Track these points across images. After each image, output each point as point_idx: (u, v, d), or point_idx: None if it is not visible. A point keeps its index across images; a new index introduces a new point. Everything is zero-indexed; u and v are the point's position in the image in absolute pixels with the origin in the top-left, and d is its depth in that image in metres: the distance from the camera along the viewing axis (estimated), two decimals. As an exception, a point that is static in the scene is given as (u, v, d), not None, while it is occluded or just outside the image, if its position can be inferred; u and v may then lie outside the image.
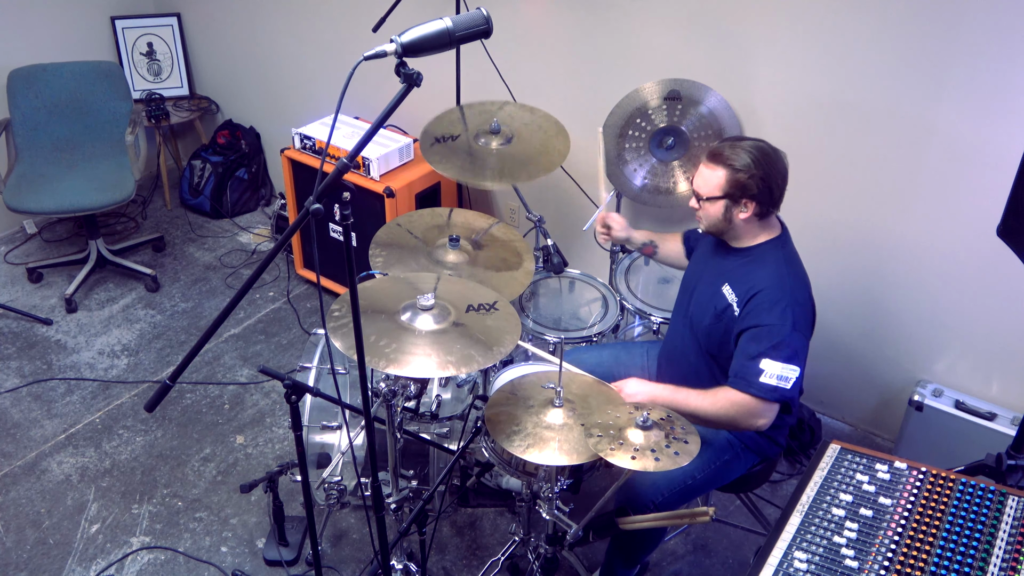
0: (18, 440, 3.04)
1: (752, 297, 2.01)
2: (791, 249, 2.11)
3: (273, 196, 4.53)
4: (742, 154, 1.99)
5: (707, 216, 2.08)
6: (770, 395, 1.95)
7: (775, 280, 2.01)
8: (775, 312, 1.97)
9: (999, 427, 2.63)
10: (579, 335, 2.67)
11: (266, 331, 3.61)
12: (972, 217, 2.53)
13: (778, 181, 2.01)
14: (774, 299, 1.98)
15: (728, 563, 2.63)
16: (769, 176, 1.98)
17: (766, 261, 2.05)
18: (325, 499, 2.35)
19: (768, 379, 1.94)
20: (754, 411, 1.97)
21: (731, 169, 1.99)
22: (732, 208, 2.03)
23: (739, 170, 1.98)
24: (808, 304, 2.05)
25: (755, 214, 2.03)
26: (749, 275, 2.05)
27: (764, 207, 2.02)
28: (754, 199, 2.00)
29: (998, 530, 1.62)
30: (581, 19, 3.06)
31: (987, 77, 2.37)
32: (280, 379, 1.84)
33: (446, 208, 2.95)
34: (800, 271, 2.09)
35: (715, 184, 2.02)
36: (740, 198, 2.00)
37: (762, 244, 2.08)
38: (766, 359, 1.94)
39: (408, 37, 1.50)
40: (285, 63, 4.07)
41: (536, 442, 1.90)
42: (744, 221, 2.04)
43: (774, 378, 1.94)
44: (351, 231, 1.57)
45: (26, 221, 4.23)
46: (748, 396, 1.96)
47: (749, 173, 1.97)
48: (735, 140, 2.04)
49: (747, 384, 1.96)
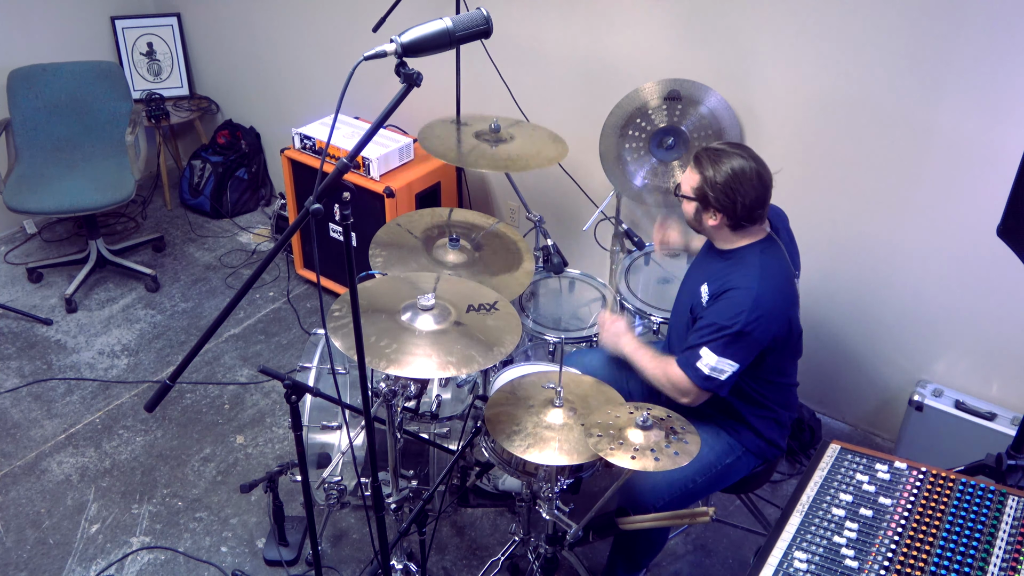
0: (18, 440, 3.04)
1: (720, 295, 2.04)
2: (771, 256, 2.07)
3: (273, 196, 4.53)
4: (715, 167, 2.01)
5: (684, 212, 2.15)
6: (702, 382, 2.02)
7: (746, 283, 2.01)
8: (730, 312, 1.99)
9: (999, 427, 2.63)
10: (579, 335, 2.67)
11: (266, 331, 3.61)
12: (972, 217, 2.53)
13: (745, 201, 1.99)
14: (736, 302, 1.99)
15: (728, 563, 2.63)
16: (734, 194, 1.99)
17: (744, 264, 2.06)
18: (325, 499, 2.35)
19: (703, 367, 2.01)
20: (682, 389, 2.07)
21: (702, 176, 2.04)
22: (701, 212, 2.09)
23: (706, 180, 2.02)
24: (769, 314, 1.99)
25: (724, 224, 2.06)
26: (725, 276, 2.07)
27: (731, 220, 2.05)
28: (719, 211, 2.04)
29: (998, 530, 1.62)
30: (581, 19, 3.07)
31: (987, 77, 2.37)
32: (280, 379, 1.84)
33: (446, 208, 2.95)
34: (777, 281, 2.04)
35: (689, 185, 2.08)
36: (708, 206, 2.05)
37: (742, 248, 2.09)
38: (705, 347, 2.00)
39: (408, 37, 1.50)
40: (285, 63, 4.07)
41: (536, 442, 1.90)
42: (713, 227, 2.09)
43: (708, 368, 2.00)
44: (351, 231, 1.57)
45: (26, 221, 4.23)
46: (683, 375, 2.05)
47: (712, 187, 2.01)
48: (722, 148, 2.04)
49: (686, 365, 2.04)
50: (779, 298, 2.04)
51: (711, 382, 2.01)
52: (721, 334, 1.98)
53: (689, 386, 2.04)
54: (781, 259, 2.09)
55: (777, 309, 2.03)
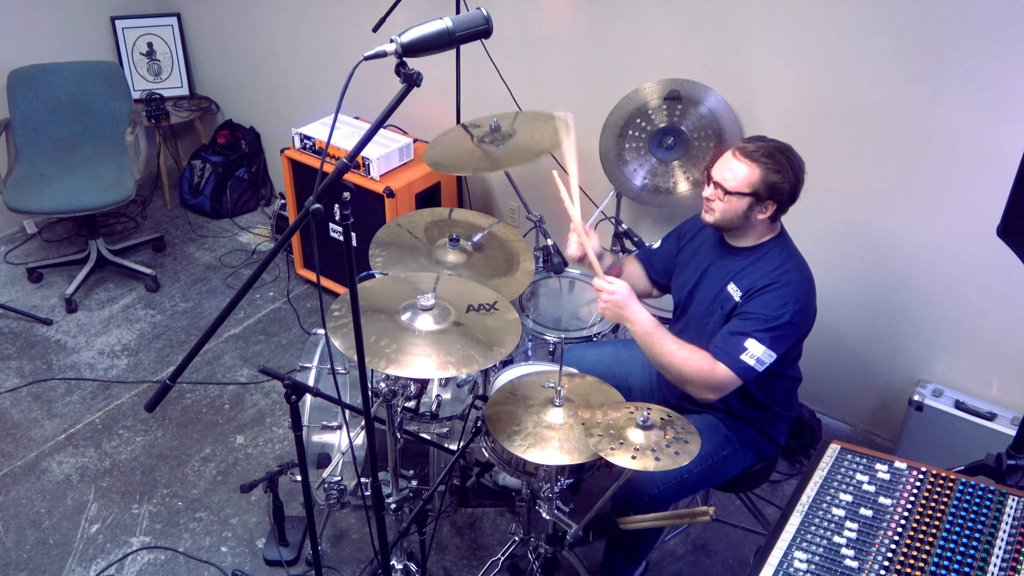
0: (18, 440, 3.04)
1: (756, 292, 2.02)
2: (792, 246, 2.13)
3: (273, 196, 4.53)
4: (777, 156, 1.99)
5: (725, 210, 2.05)
6: (742, 372, 1.98)
7: (781, 276, 2.02)
8: (774, 305, 1.99)
9: (999, 427, 2.63)
10: (579, 335, 2.67)
11: (266, 331, 3.61)
12: (972, 217, 2.53)
13: (801, 187, 2.03)
14: (778, 294, 2.00)
15: (728, 563, 2.64)
16: (798, 181, 2.01)
17: (771, 258, 2.07)
18: (325, 499, 2.35)
19: (748, 358, 1.97)
20: (715, 382, 1.99)
21: (766, 168, 1.98)
22: (755, 207, 2.03)
23: (775, 171, 1.98)
24: (808, 304, 2.06)
25: (770, 216, 2.04)
26: (754, 273, 2.06)
27: (782, 210, 2.04)
28: (778, 201, 2.01)
29: (998, 530, 1.62)
30: (581, 19, 3.07)
31: (987, 77, 2.37)
32: (280, 379, 1.84)
33: (446, 208, 2.95)
34: (804, 270, 2.09)
35: (745, 180, 2.00)
36: (766, 198, 2.01)
37: (766, 243, 2.10)
38: (752, 339, 1.97)
39: (408, 37, 1.50)
40: (285, 63, 4.07)
41: (536, 442, 1.90)
42: (759, 220, 2.05)
43: (753, 359, 1.97)
44: (351, 231, 1.57)
45: (26, 221, 4.23)
46: (722, 366, 1.98)
47: (784, 176, 1.98)
48: (764, 139, 2.04)
49: (727, 355, 1.98)
50: (811, 289, 2.07)
51: (750, 373, 1.98)
52: (769, 325, 1.97)
53: (728, 379, 1.98)
54: (797, 251, 2.12)
55: (812, 299, 2.07)
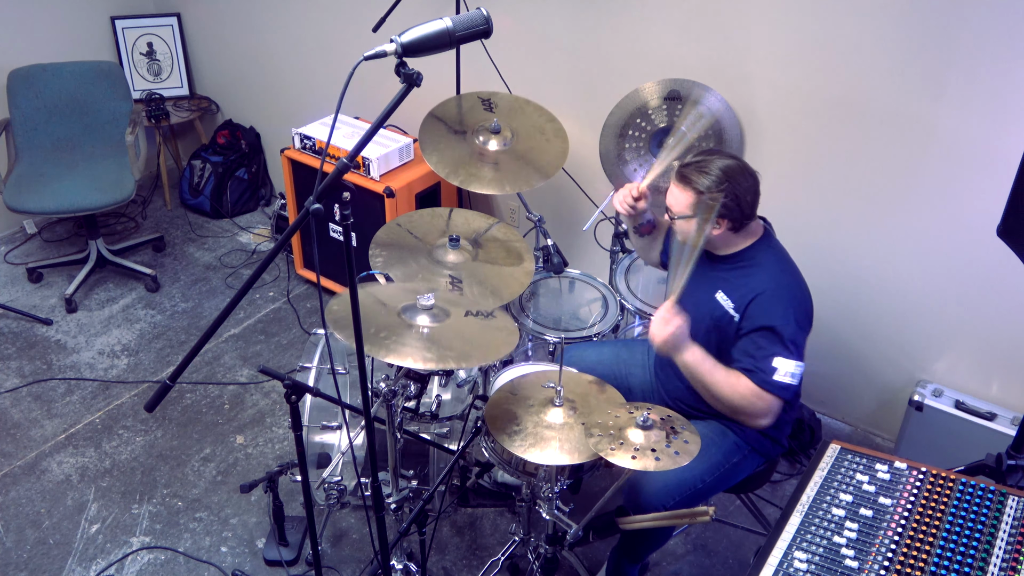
0: (18, 440, 3.04)
1: (752, 301, 2.02)
2: (778, 247, 2.13)
3: (273, 196, 4.53)
4: (706, 177, 2.00)
5: (681, 232, 2.10)
6: (782, 392, 2.00)
7: (771, 281, 2.03)
8: (778, 312, 1.99)
9: (999, 427, 2.63)
10: (579, 335, 2.67)
11: (266, 331, 3.61)
12: (972, 217, 2.53)
13: (747, 197, 2.02)
14: (775, 300, 2.00)
15: (728, 563, 2.63)
16: (736, 194, 2.00)
17: (758, 264, 2.08)
18: (325, 499, 2.35)
19: (782, 377, 1.98)
20: (769, 407, 2.01)
21: (697, 192, 2.01)
22: (704, 225, 2.05)
23: (704, 193, 2.00)
24: (806, 299, 2.08)
25: (728, 229, 2.05)
26: (743, 280, 2.07)
27: (735, 222, 2.04)
28: (724, 217, 2.02)
29: (998, 530, 1.62)
30: (581, 19, 3.07)
31: (987, 77, 2.37)
32: (280, 379, 1.84)
33: (446, 208, 2.95)
34: (792, 267, 2.11)
35: (684, 204, 2.05)
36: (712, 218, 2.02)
37: (749, 248, 2.10)
38: (778, 358, 1.98)
39: (408, 37, 1.50)
40: (285, 63, 4.07)
41: (537, 442, 1.90)
42: (718, 236, 2.07)
43: (788, 376, 1.99)
44: (351, 231, 1.57)
45: (26, 221, 4.23)
46: (764, 392, 1.99)
47: (713, 196, 1.99)
48: (704, 157, 2.05)
49: (764, 381, 1.99)
50: (803, 285, 2.09)
51: (788, 390, 2.00)
52: (785, 339, 1.98)
53: (773, 402, 2.00)
54: (785, 251, 2.13)
55: (807, 295, 2.09)
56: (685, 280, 2.02)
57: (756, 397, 2.01)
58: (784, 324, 1.99)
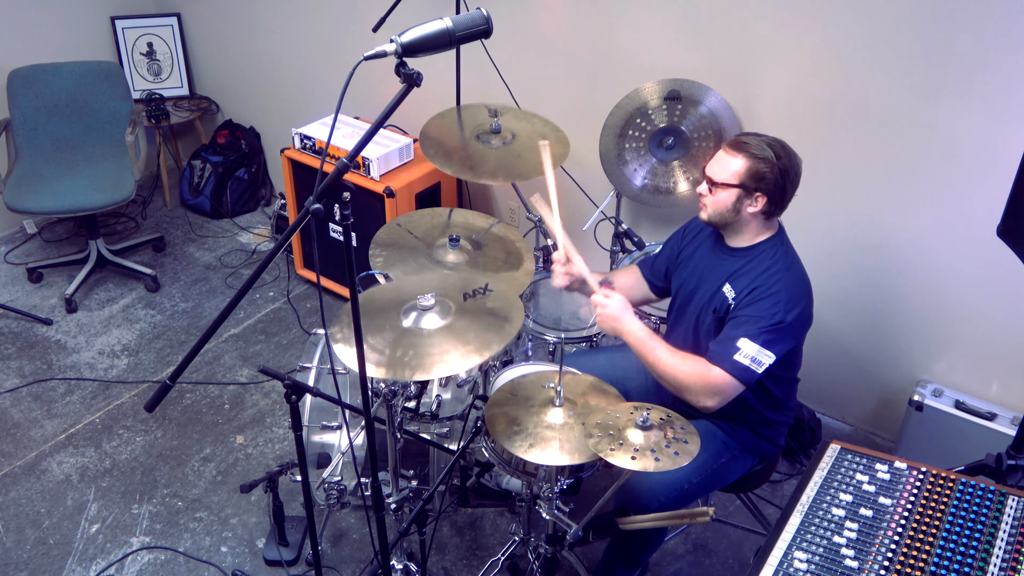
0: (18, 440, 3.04)
1: (750, 292, 2.02)
2: (789, 248, 2.12)
3: (273, 196, 4.53)
4: (765, 146, 1.99)
5: (716, 204, 2.05)
6: (740, 374, 1.96)
7: (774, 277, 2.02)
8: (765, 304, 1.98)
9: (999, 427, 2.63)
10: (579, 335, 2.67)
11: (266, 331, 3.61)
12: (972, 217, 2.53)
13: (793, 180, 2.01)
14: (769, 293, 1.99)
15: (728, 563, 2.63)
16: (787, 172, 1.99)
17: (766, 259, 2.06)
18: (325, 499, 2.35)
19: (742, 358, 1.95)
20: (714, 387, 1.97)
21: (752, 158, 1.98)
22: (743, 199, 2.02)
23: (760, 159, 1.97)
24: (803, 305, 2.04)
25: (762, 211, 2.02)
26: (749, 273, 2.06)
27: (773, 205, 2.02)
28: (766, 194, 1.99)
29: (998, 530, 1.62)
30: (581, 19, 3.07)
31: (987, 77, 2.37)
32: (280, 379, 1.84)
33: (446, 208, 2.95)
34: (800, 271, 2.09)
35: (732, 171, 2.00)
36: (754, 190, 2.00)
37: (762, 243, 2.09)
38: (744, 339, 1.96)
39: (408, 37, 1.50)
40: (285, 63, 4.07)
41: (537, 442, 1.90)
42: (751, 215, 2.04)
43: (748, 358, 1.95)
44: (351, 231, 1.57)
45: (26, 221, 4.23)
46: (717, 369, 1.97)
47: (769, 164, 1.97)
48: (759, 135, 2.04)
49: (720, 359, 1.97)
50: (808, 289, 2.07)
51: (748, 374, 1.95)
52: (760, 326, 1.96)
53: (725, 382, 1.96)
54: (795, 252, 2.12)
55: (808, 300, 2.06)
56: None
57: (705, 376, 1.97)
58: (770, 316, 1.96)
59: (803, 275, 2.09)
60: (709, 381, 1.98)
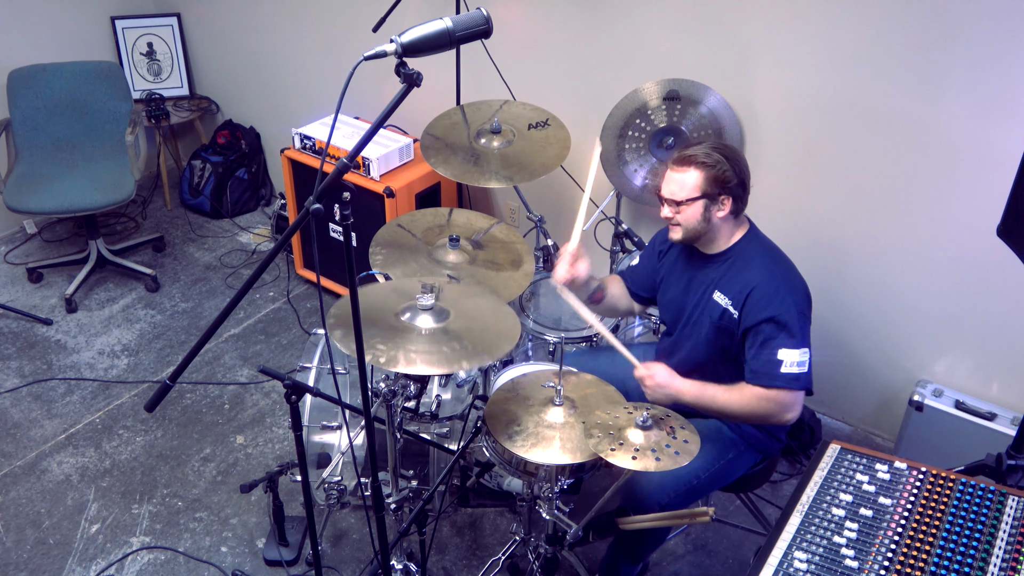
0: (18, 440, 3.04)
1: (748, 296, 2.02)
2: (765, 239, 2.15)
3: (273, 196, 4.53)
4: (709, 151, 2.03)
5: (686, 220, 2.08)
6: (793, 384, 1.98)
7: (764, 273, 2.04)
8: (775, 303, 1.99)
9: (999, 427, 2.63)
10: (579, 335, 2.67)
11: (266, 331, 3.61)
12: (972, 217, 2.53)
13: (747, 171, 2.06)
14: (771, 291, 2.01)
15: (728, 563, 2.64)
16: (740, 167, 2.04)
17: (748, 257, 2.08)
18: (325, 499, 2.35)
19: (789, 368, 1.97)
20: (783, 403, 2.00)
21: (704, 167, 2.02)
22: (711, 207, 2.05)
23: (712, 165, 2.01)
24: (802, 285, 2.09)
25: (730, 211, 2.06)
26: (736, 276, 2.07)
27: (738, 202, 2.06)
28: (731, 194, 2.03)
29: (998, 530, 1.62)
30: (581, 19, 3.07)
31: (987, 77, 2.37)
32: (280, 379, 1.84)
33: (446, 208, 2.95)
34: (782, 257, 2.12)
35: (692, 185, 2.04)
36: (718, 195, 2.03)
37: (738, 243, 2.11)
38: (782, 350, 1.97)
39: (408, 37, 1.50)
40: (285, 63, 4.07)
41: (537, 441, 1.90)
42: (722, 220, 2.07)
43: (794, 366, 1.97)
44: (351, 231, 1.57)
45: (26, 221, 4.23)
46: (774, 390, 1.99)
47: (723, 166, 2.01)
48: (693, 146, 2.09)
49: (770, 379, 1.99)
50: (798, 273, 2.11)
51: (802, 379, 1.99)
52: (786, 330, 1.98)
53: (788, 396, 1.99)
54: (772, 243, 2.14)
55: (802, 279, 2.10)
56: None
57: (767, 400, 2.00)
58: (785, 312, 1.98)
59: (787, 259, 2.12)
60: (775, 401, 2.00)
